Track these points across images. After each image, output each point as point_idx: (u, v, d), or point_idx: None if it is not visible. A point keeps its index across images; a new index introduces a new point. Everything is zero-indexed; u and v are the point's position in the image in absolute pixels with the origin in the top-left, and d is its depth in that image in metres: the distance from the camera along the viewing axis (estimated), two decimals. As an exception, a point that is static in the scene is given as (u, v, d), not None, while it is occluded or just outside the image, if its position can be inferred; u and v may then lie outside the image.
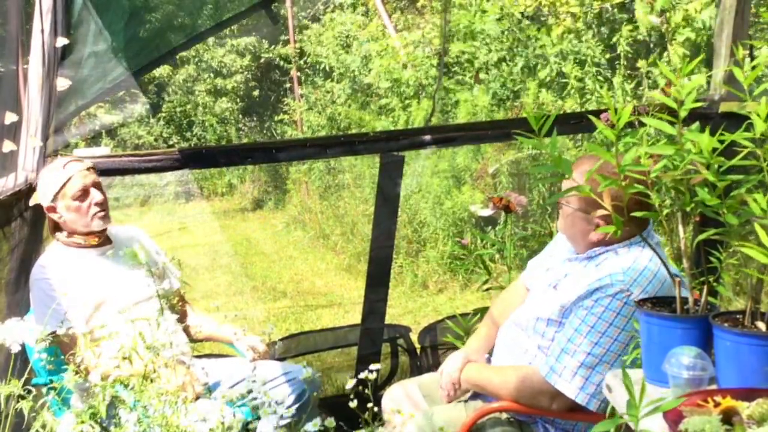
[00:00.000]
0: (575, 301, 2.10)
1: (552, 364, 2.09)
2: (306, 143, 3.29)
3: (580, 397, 2.05)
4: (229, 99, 12.44)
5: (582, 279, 2.12)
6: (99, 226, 2.62)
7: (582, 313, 2.06)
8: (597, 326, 2.04)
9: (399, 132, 3.79)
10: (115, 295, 2.56)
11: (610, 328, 2.03)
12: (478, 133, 3.61)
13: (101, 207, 2.60)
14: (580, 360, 2.05)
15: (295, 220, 8.80)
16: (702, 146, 1.58)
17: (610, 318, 2.03)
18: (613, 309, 2.02)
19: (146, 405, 1.73)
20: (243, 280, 6.82)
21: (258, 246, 8.37)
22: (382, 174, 3.24)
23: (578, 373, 2.05)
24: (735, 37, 3.31)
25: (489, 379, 2.25)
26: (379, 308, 3.39)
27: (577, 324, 2.07)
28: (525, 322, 2.26)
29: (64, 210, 2.56)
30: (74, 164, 2.59)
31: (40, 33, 2.60)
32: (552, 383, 2.08)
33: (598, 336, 2.03)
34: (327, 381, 3.75)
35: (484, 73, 7.34)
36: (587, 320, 2.05)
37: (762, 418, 1.35)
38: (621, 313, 2.02)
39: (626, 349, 2.01)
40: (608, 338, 2.03)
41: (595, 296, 2.05)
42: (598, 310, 2.04)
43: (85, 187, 2.57)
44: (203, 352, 3.26)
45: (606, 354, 2.03)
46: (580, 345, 2.05)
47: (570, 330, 2.08)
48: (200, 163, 3.41)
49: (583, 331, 2.05)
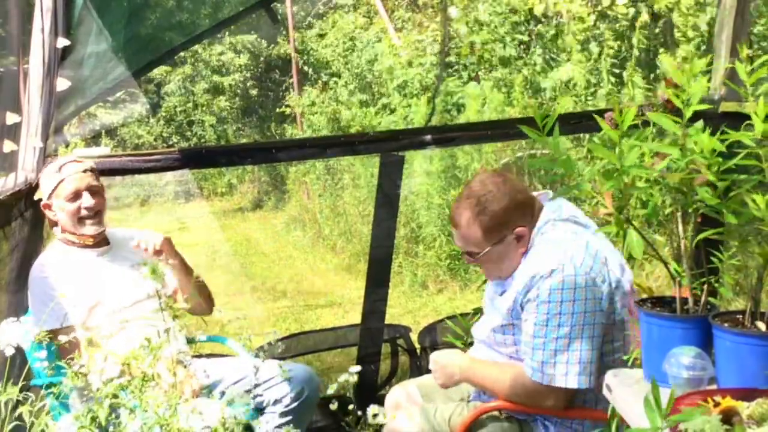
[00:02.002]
0: (516, 299, 2.12)
1: (531, 364, 2.11)
2: (306, 143, 3.30)
3: (569, 381, 2.06)
4: (227, 98, 12.43)
5: (517, 279, 2.15)
6: (89, 231, 2.60)
7: (531, 307, 2.08)
8: (551, 310, 2.05)
9: (399, 132, 3.80)
10: (113, 295, 2.56)
11: (562, 305, 2.03)
12: (478, 133, 3.61)
13: (91, 211, 2.57)
14: (552, 348, 2.05)
15: (295, 220, 8.80)
16: (703, 146, 1.58)
17: (558, 297, 2.04)
18: (556, 287, 2.03)
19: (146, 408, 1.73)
20: (243, 280, 6.82)
21: (258, 246, 8.37)
22: (382, 174, 3.24)
23: (556, 361, 2.06)
24: (735, 37, 3.31)
25: (487, 377, 2.25)
26: (379, 308, 3.39)
27: (534, 318, 2.08)
28: (486, 337, 2.29)
29: (57, 209, 2.58)
30: (71, 165, 2.58)
31: (40, 33, 2.60)
32: (540, 381, 2.09)
33: (556, 318, 2.04)
34: (327, 381, 3.75)
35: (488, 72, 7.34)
36: (540, 309, 2.06)
37: (762, 418, 1.35)
38: (564, 288, 2.03)
39: (586, 317, 2.03)
40: (566, 315, 2.03)
41: (534, 286, 2.06)
42: (543, 296, 2.05)
43: (78, 190, 2.55)
44: (203, 352, 3.26)
45: (572, 330, 2.04)
46: (545, 335, 2.06)
47: (529, 326, 2.10)
48: (200, 163, 3.41)
49: (540, 321, 2.06)
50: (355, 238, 7.31)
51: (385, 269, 3.36)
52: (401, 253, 6.51)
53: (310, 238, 8.18)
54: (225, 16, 3.95)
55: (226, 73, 12.58)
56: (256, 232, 9.10)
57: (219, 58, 12.51)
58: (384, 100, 8.38)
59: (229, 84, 12.51)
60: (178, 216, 8.97)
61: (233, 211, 10.49)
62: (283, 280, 6.84)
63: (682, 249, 1.70)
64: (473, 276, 5.97)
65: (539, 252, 2.11)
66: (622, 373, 1.83)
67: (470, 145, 6.07)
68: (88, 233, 2.61)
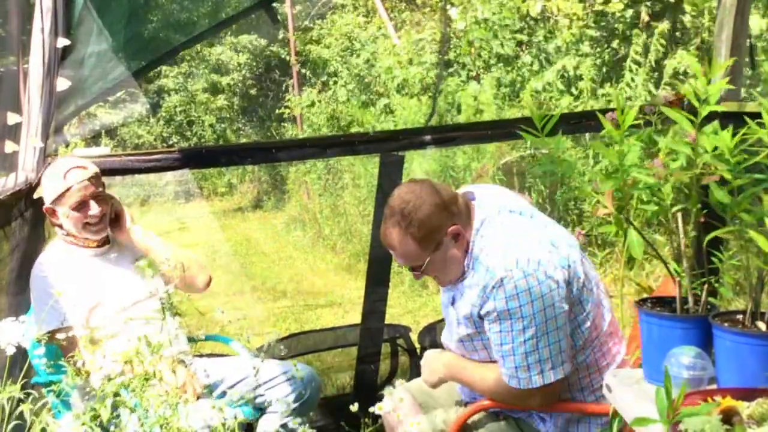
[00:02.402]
0: (471, 311, 2.12)
1: (505, 372, 2.10)
2: (306, 143, 3.30)
3: (546, 377, 2.06)
4: (227, 96, 12.43)
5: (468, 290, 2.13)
6: (95, 237, 2.60)
7: (492, 317, 2.07)
8: (512, 317, 2.04)
9: (399, 132, 3.80)
10: (115, 295, 2.56)
11: (521, 309, 2.02)
12: (478, 133, 3.61)
13: (98, 219, 2.56)
14: (522, 351, 2.05)
15: (295, 220, 8.80)
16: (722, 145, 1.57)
17: (515, 303, 2.03)
18: (510, 294, 2.02)
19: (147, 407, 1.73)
20: (243, 280, 6.82)
21: (258, 246, 8.37)
22: (382, 174, 3.24)
23: (529, 363, 2.06)
24: (735, 37, 3.31)
25: (471, 378, 2.25)
26: (379, 308, 3.39)
27: (497, 327, 2.07)
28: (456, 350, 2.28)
29: (62, 216, 2.56)
30: (76, 172, 2.53)
31: (40, 33, 2.60)
32: (519, 387, 2.09)
33: (519, 323, 2.03)
34: (327, 381, 3.75)
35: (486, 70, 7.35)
36: (501, 318, 2.05)
37: (762, 418, 1.35)
38: (518, 293, 2.02)
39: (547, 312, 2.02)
40: (527, 318, 2.02)
41: (489, 299, 2.05)
42: (500, 305, 2.04)
43: (84, 199, 2.53)
44: (203, 352, 3.26)
45: (537, 330, 2.03)
46: (512, 340, 2.06)
47: (495, 336, 2.09)
48: (200, 162, 3.41)
49: (505, 329, 2.06)
50: (355, 238, 7.31)
51: (385, 269, 3.36)
52: (401, 253, 6.49)
53: (310, 238, 8.18)
54: (225, 16, 3.95)
55: (226, 73, 12.58)
56: (256, 232, 9.10)
57: (219, 58, 12.51)
58: (384, 100, 8.37)
59: (228, 84, 12.51)
60: (178, 216, 8.96)
61: (233, 211, 10.49)
62: (283, 280, 6.84)
63: (682, 249, 1.70)
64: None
65: (484, 259, 2.09)
66: (622, 373, 1.83)
67: (470, 145, 6.07)
68: (92, 238, 2.61)
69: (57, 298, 2.41)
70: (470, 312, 2.12)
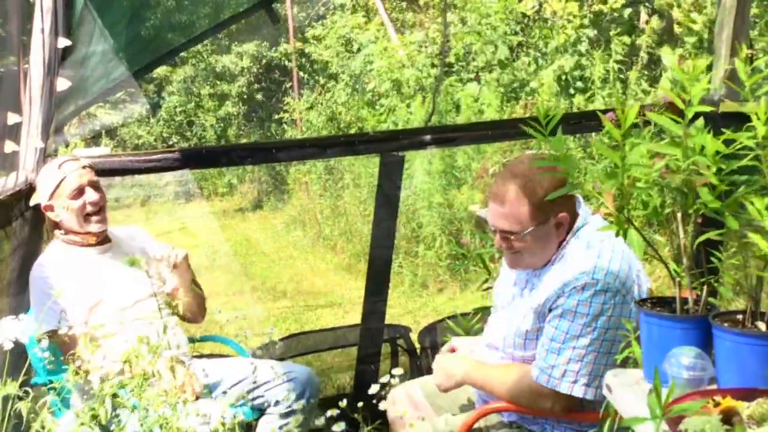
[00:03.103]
0: (544, 304, 2.11)
1: (540, 365, 2.10)
2: (306, 143, 3.30)
3: (576, 390, 2.05)
4: (233, 104, 12.43)
5: (547, 282, 2.13)
6: (95, 228, 2.61)
7: (558, 312, 2.07)
8: (576, 320, 2.04)
9: (399, 132, 3.80)
10: (114, 294, 2.56)
11: (588, 318, 2.03)
12: (478, 133, 3.61)
13: (96, 206, 2.58)
14: (568, 356, 2.05)
15: (295, 220, 8.80)
16: (706, 149, 1.57)
17: (585, 309, 2.03)
18: (585, 300, 2.03)
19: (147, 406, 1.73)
20: (243, 280, 6.82)
21: (258, 246, 8.37)
22: (382, 174, 3.24)
23: (568, 368, 2.05)
24: (735, 37, 3.31)
25: (489, 379, 2.24)
26: (379, 308, 3.39)
27: (556, 323, 2.08)
28: (502, 341, 2.25)
29: (60, 209, 2.56)
30: (70, 163, 2.58)
31: (40, 33, 2.60)
32: (544, 384, 2.08)
33: (579, 328, 2.04)
34: (327, 381, 3.75)
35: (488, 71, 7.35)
36: (565, 317, 2.06)
37: (762, 418, 1.35)
38: (593, 302, 2.03)
39: (608, 333, 2.03)
40: (588, 328, 2.03)
41: (565, 294, 2.06)
42: (571, 306, 2.05)
43: (81, 186, 2.56)
44: (203, 352, 3.26)
45: (591, 344, 2.04)
46: (563, 341, 2.06)
47: (551, 330, 2.09)
48: (200, 163, 3.41)
49: (563, 328, 2.06)
50: (355, 238, 7.31)
51: (385, 269, 3.36)
52: (401, 253, 6.51)
53: (310, 238, 8.18)
54: (225, 17, 3.95)
55: (231, 80, 12.57)
56: (256, 232, 9.10)
57: (224, 65, 12.50)
58: (383, 100, 8.38)
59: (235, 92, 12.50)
60: (178, 216, 8.97)
61: (233, 211, 10.49)
62: (283, 280, 6.84)
63: (682, 249, 1.70)
64: (473, 276, 5.97)
65: (574, 257, 2.09)
66: (622, 373, 1.83)
67: (470, 145, 6.07)
68: (93, 231, 2.61)
69: (56, 298, 2.41)
70: (542, 304, 2.11)
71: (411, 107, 7.73)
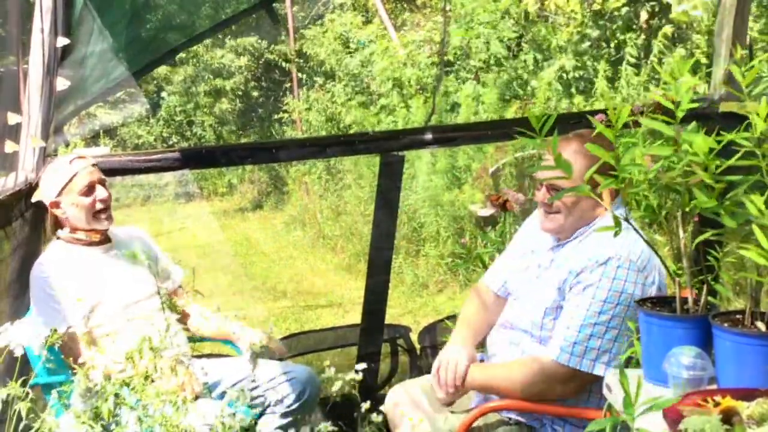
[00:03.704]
0: (567, 279, 2.11)
1: (560, 344, 2.08)
2: (306, 143, 3.30)
3: (596, 368, 2.05)
4: (229, 100, 12.42)
5: (570, 258, 2.13)
6: (102, 226, 2.62)
7: (579, 288, 2.07)
8: (597, 296, 2.05)
9: (399, 131, 3.80)
10: (115, 293, 2.56)
11: (610, 293, 2.04)
12: (478, 132, 3.61)
13: (105, 203, 2.60)
14: (588, 332, 2.05)
15: (295, 220, 8.79)
16: (697, 147, 1.58)
17: (607, 284, 2.04)
18: (608, 275, 2.04)
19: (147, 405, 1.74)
20: (243, 280, 6.82)
21: (258, 246, 8.36)
22: (382, 173, 3.23)
23: (589, 346, 2.05)
24: (735, 37, 3.31)
25: (494, 377, 2.23)
26: (379, 308, 3.39)
27: (578, 300, 2.07)
28: (524, 322, 2.24)
29: (68, 206, 2.56)
30: (80, 161, 2.59)
31: (40, 32, 2.60)
32: (564, 363, 2.06)
33: (600, 305, 2.04)
34: (327, 381, 3.74)
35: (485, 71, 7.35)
36: (586, 293, 2.06)
37: (762, 418, 1.35)
38: (616, 277, 2.04)
39: (629, 311, 2.02)
40: (610, 304, 2.04)
41: (588, 268, 2.06)
42: (593, 280, 2.05)
43: (91, 183, 2.57)
44: (203, 352, 3.26)
45: (612, 320, 2.04)
46: (584, 318, 2.05)
47: (571, 307, 2.09)
48: (200, 163, 3.41)
49: (585, 304, 2.06)
50: (355, 238, 7.30)
51: (385, 269, 3.36)
52: (401, 253, 6.51)
53: (310, 238, 8.18)
54: (225, 17, 3.95)
55: (227, 76, 12.55)
56: (256, 232, 9.10)
57: (221, 61, 12.48)
58: (383, 100, 8.37)
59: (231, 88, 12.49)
60: (178, 216, 8.97)
61: (233, 211, 10.48)
62: (283, 280, 6.84)
63: (681, 249, 1.70)
64: (473, 276, 5.97)
65: (600, 236, 2.06)
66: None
67: (470, 144, 6.07)
68: (100, 228, 2.62)
69: (58, 299, 2.41)
70: (564, 280, 2.11)
71: (411, 107, 7.73)
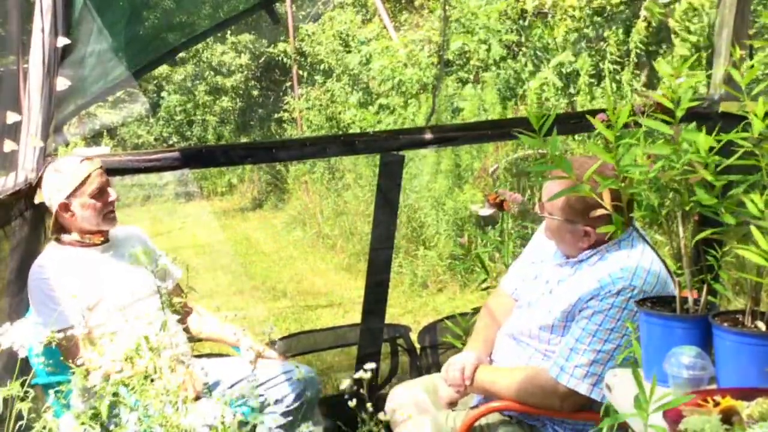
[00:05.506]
0: (576, 304, 2.11)
1: (562, 364, 2.10)
2: (306, 143, 3.29)
3: (594, 393, 2.06)
4: (229, 98, 12.42)
5: (579, 282, 2.14)
6: (111, 226, 2.65)
7: (588, 313, 2.08)
8: (605, 324, 2.06)
9: (399, 131, 3.79)
10: (114, 293, 2.56)
11: (618, 323, 2.05)
12: (478, 132, 3.60)
13: (113, 206, 2.63)
14: (591, 358, 2.06)
15: (295, 219, 8.79)
16: (699, 146, 1.58)
17: (617, 314, 2.05)
18: (619, 305, 2.05)
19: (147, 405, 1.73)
20: (243, 280, 6.82)
21: (258, 246, 8.36)
22: (382, 173, 3.23)
23: (590, 371, 2.06)
24: (735, 37, 3.31)
25: (497, 381, 2.24)
26: (379, 308, 3.39)
27: (584, 324, 2.08)
28: (524, 333, 2.26)
29: (78, 207, 2.55)
30: (89, 162, 2.60)
31: (40, 32, 2.60)
32: (563, 383, 2.08)
33: (606, 333, 2.05)
34: (327, 381, 3.75)
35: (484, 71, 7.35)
36: (594, 319, 2.06)
37: (762, 418, 1.35)
38: (627, 308, 2.04)
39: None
40: (617, 334, 2.05)
41: (599, 296, 2.07)
42: (604, 308, 2.06)
43: (102, 186, 2.59)
44: (203, 352, 3.26)
45: (616, 349, 2.04)
46: (589, 343, 2.06)
47: (578, 330, 2.09)
48: (200, 162, 3.40)
49: (591, 330, 2.07)
50: (355, 238, 7.30)
51: (385, 269, 3.36)
52: (401, 253, 6.51)
53: (310, 237, 8.18)
54: (225, 16, 3.95)
55: (227, 74, 12.55)
56: (256, 232, 9.10)
57: (221, 59, 12.48)
58: (383, 100, 8.37)
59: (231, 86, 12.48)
60: (178, 216, 8.97)
61: (233, 211, 10.48)
62: (283, 280, 6.84)
63: (682, 249, 1.70)
64: (473, 276, 5.97)
65: (610, 264, 2.10)
66: (622, 373, 1.83)
67: (470, 144, 6.07)
68: (108, 228, 2.65)
69: (57, 300, 2.41)
70: (574, 304, 2.12)
71: (412, 106, 7.73)
